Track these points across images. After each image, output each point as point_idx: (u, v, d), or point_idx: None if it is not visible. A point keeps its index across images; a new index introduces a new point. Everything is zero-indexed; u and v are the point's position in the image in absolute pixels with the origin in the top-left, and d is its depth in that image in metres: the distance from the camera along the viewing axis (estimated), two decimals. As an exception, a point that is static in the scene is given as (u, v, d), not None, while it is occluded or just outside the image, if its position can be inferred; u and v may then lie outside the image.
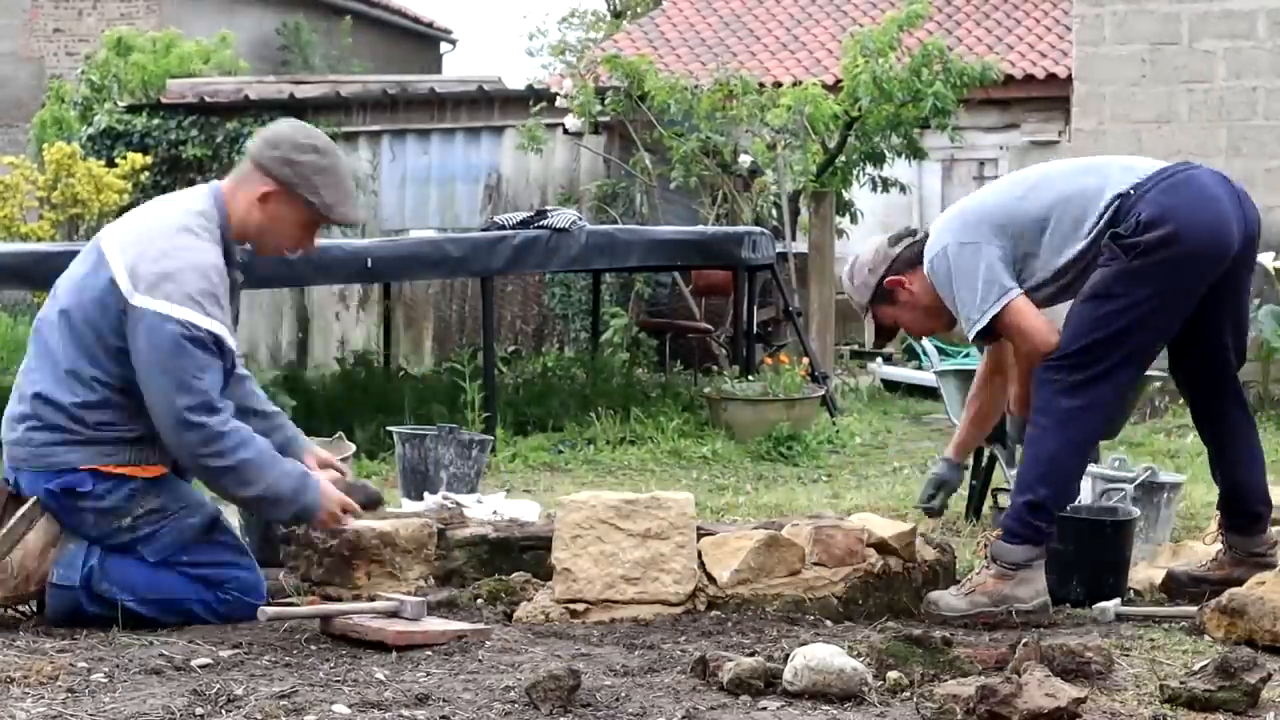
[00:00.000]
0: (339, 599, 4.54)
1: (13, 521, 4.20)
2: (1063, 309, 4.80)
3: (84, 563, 4.25)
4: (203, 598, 4.34)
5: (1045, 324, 4.73)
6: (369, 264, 8.97)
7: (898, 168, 13.77)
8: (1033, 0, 21.55)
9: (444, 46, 30.54)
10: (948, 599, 4.63)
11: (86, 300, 4.25)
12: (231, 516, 4.88)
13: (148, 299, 4.15)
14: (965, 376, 6.77)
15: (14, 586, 4.18)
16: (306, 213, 4.38)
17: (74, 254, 8.87)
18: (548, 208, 10.07)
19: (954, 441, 5.35)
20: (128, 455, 4.28)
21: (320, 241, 4.60)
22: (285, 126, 4.47)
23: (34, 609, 4.40)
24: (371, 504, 4.56)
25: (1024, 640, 3.79)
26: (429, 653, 4.03)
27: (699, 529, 4.67)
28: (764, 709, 3.50)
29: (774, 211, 13.35)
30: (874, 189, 13.64)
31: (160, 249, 4.22)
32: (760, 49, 21.40)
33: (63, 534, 4.27)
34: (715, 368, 12.43)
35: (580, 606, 4.49)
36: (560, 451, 8.92)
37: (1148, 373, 7.62)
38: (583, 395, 10.27)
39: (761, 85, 13.91)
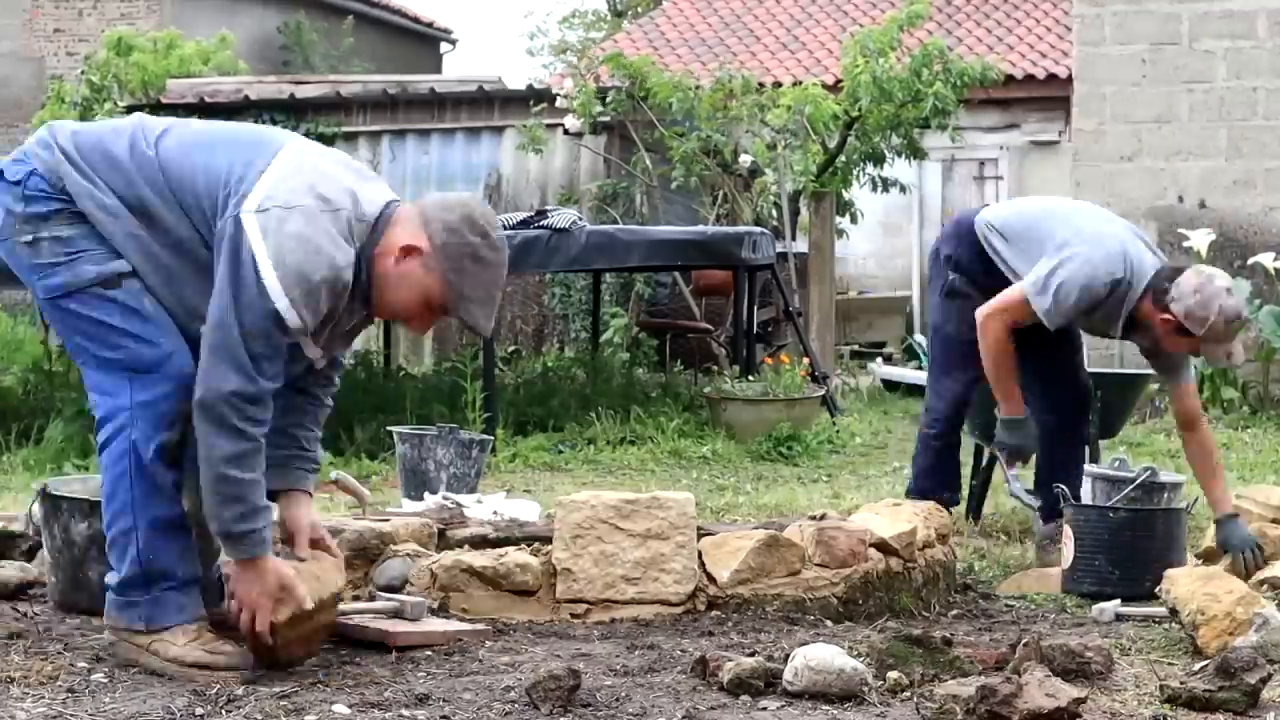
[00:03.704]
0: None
1: None
2: None
3: None
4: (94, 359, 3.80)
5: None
6: (369, 264, 8.96)
7: (898, 168, 13.77)
8: (1033, 0, 21.55)
9: (444, 46, 30.52)
10: None
11: None
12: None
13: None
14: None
15: None
16: (438, 292, 3.84)
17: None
18: (548, 208, 10.06)
19: (1016, 398, 5.73)
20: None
21: None
22: (470, 204, 3.96)
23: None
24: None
25: (1024, 640, 3.79)
26: (429, 653, 4.03)
27: (699, 529, 4.67)
28: (764, 709, 3.50)
29: (774, 211, 13.34)
30: (874, 189, 13.64)
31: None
32: (760, 49, 21.40)
33: None
34: (715, 368, 12.42)
35: (580, 607, 4.49)
36: (560, 451, 8.92)
37: (1148, 373, 7.64)
38: (583, 395, 10.26)
39: (761, 85, 13.91)
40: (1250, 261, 11.51)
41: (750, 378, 10.01)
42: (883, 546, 4.77)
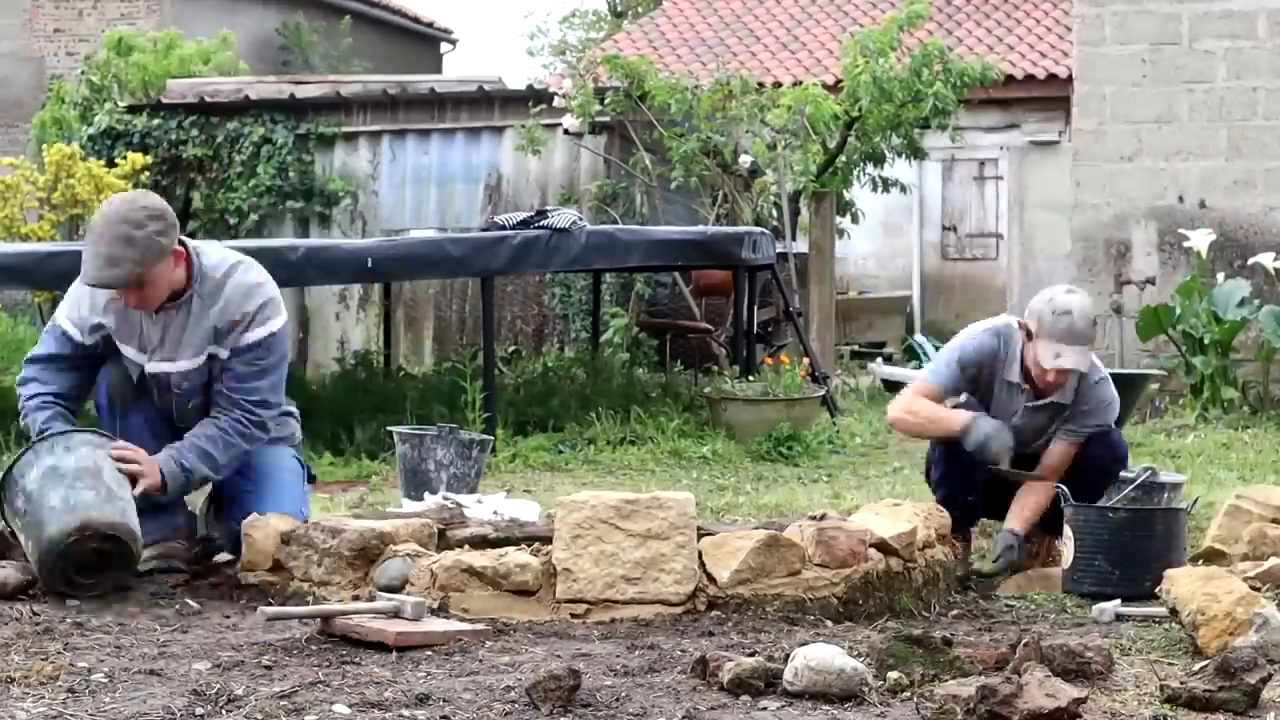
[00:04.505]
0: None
1: None
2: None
3: None
4: None
5: None
6: (369, 264, 8.97)
7: (898, 168, 13.76)
8: (1033, 0, 21.54)
9: (444, 46, 30.51)
10: None
11: None
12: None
13: None
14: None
15: None
16: None
17: (74, 254, 8.94)
18: (548, 208, 10.06)
19: (953, 425, 5.68)
20: None
21: (320, 241, 4.71)
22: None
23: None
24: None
25: (1024, 640, 3.79)
26: (429, 653, 4.03)
27: (699, 529, 4.67)
28: (764, 709, 3.50)
29: (774, 211, 13.34)
30: (874, 189, 13.64)
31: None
32: (760, 49, 21.39)
33: None
34: (715, 368, 12.42)
35: (580, 607, 4.49)
36: (560, 451, 8.92)
37: (1148, 372, 7.62)
38: (583, 395, 10.26)
39: (761, 85, 13.90)
40: (1250, 261, 11.50)
41: (750, 378, 10.01)
42: (883, 546, 4.77)
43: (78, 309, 5.16)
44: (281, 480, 5.26)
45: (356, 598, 4.55)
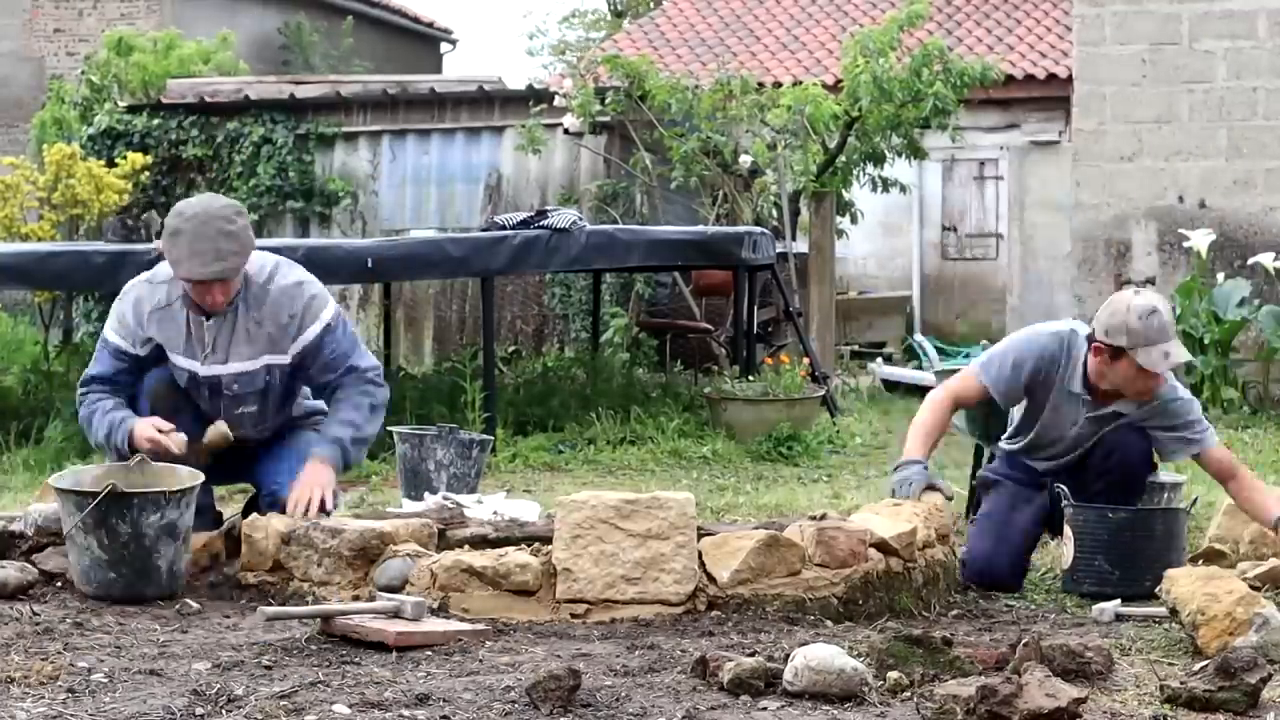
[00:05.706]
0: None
1: None
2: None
3: None
4: None
5: None
6: (369, 264, 8.97)
7: (898, 168, 13.76)
8: (1033, 0, 21.54)
9: (444, 46, 30.51)
10: None
11: None
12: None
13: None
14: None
15: None
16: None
17: (74, 254, 8.95)
18: (548, 208, 10.06)
19: (913, 448, 5.41)
20: None
21: (320, 241, 4.73)
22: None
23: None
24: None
25: (1024, 640, 3.79)
26: (429, 653, 4.03)
27: (699, 529, 4.67)
28: (764, 709, 3.50)
29: (774, 211, 13.33)
30: (874, 189, 13.63)
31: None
32: (760, 49, 21.39)
33: None
34: (715, 368, 12.41)
35: (580, 607, 4.49)
36: (560, 451, 8.91)
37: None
38: (583, 395, 10.26)
39: (761, 85, 13.90)
40: (1250, 261, 11.50)
41: (750, 378, 10.01)
42: (883, 546, 4.77)
43: (123, 324, 5.30)
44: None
45: (356, 598, 4.55)
